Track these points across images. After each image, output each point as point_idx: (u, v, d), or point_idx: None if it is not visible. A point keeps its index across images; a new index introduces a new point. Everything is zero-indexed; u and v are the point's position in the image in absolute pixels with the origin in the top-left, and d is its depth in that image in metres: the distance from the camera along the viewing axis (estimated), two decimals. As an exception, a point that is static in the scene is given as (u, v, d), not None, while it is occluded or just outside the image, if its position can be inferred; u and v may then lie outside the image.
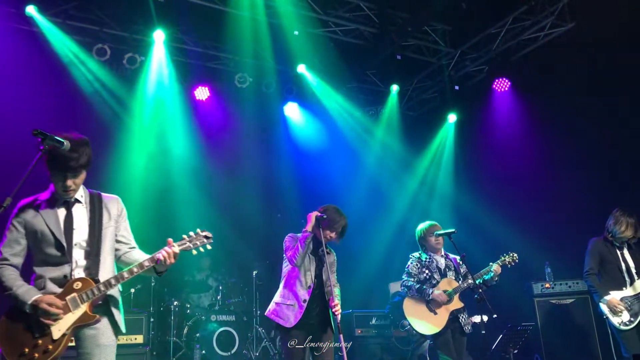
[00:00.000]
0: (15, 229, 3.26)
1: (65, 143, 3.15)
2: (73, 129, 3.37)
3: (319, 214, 4.73)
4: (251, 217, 8.78)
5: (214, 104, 8.90)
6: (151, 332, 7.04)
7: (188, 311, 7.59)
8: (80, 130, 3.35)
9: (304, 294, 4.64)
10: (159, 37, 7.87)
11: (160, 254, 3.30)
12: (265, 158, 9.35)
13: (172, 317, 7.30)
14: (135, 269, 3.27)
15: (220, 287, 7.88)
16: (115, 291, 3.33)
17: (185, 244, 3.42)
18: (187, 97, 8.72)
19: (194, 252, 3.46)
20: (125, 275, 3.25)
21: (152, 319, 7.10)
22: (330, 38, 8.25)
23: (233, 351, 7.15)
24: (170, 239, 3.39)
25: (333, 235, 4.79)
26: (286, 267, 4.81)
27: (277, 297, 4.77)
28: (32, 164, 3.13)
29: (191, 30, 8.27)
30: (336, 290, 4.77)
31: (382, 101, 9.84)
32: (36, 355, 3.03)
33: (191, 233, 3.47)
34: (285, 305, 4.65)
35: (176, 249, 3.36)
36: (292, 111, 9.62)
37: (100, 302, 3.25)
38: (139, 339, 6.22)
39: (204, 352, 6.96)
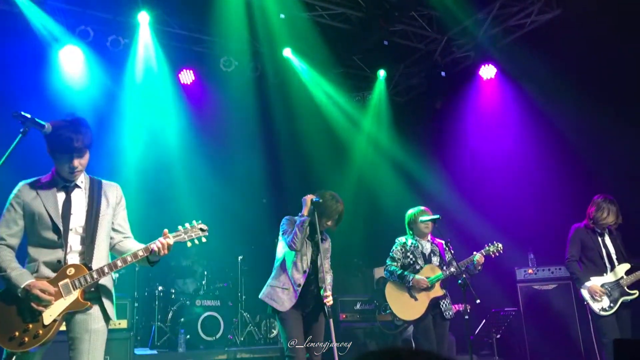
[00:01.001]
0: (13, 209, 3.24)
1: (46, 126, 3.13)
2: (54, 112, 3.35)
3: (315, 197, 4.71)
4: (237, 202, 8.75)
5: (199, 88, 8.80)
6: (135, 317, 7.02)
7: (173, 296, 7.57)
8: (63, 113, 3.32)
9: (299, 279, 4.65)
10: (143, 19, 7.76)
11: (155, 245, 3.31)
12: (251, 142, 9.30)
13: (157, 302, 7.29)
14: (129, 258, 3.27)
15: (206, 272, 7.87)
16: (107, 279, 3.33)
17: (180, 235, 3.43)
18: (172, 81, 8.62)
19: (189, 244, 3.47)
20: (119, 263, 3.26)
21: (136, 304, 7.09)
22: (316, 22, 8.18)
23: (218, 336, 7.15)
24: (165, 230, 3.40)
25: (329, 223, 4.78)
26: (282, 250, 4.80)
27: (271, 280, 4.77)
28: (12, 146, 3.10)
29: (176, 13, 8.16)
30: (328, 278, 4.78)
31: (368, 87, 9.82)
32: (26, 339, 3.03)
33: (187, 225, 3.48)
34: (280, 288, 4.66)
35: (170, 240, 3.37)
36: (279, 95, 9.54)
37: (92, 289, 3.25)
38: (123, 324, 6.19)
39: (188, 337, 6.95)
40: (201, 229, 3.48)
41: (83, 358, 3.15)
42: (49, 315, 3.08)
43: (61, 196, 3.30)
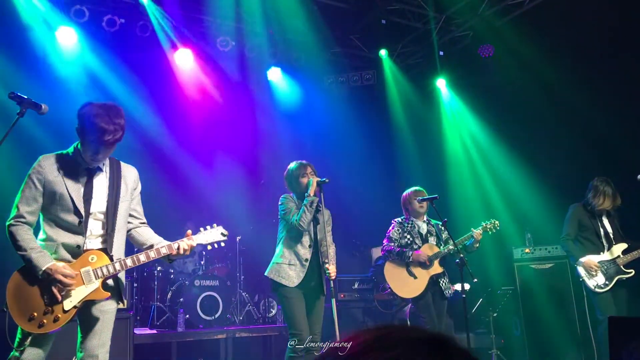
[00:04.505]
0: (34, 185, 3.14)
1: (43, 107, 3.11)
2: (52, 94, 3.33)
3: (319, 179, 4.77)
4: (234, 184, 8.76)
5: (195, 68, 8.74)
6: (135, 297, 7.06)
7: (171, 276, 7.62)
8: (53, 93, 3.29)
9: (305, 253, 4.73)
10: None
11: (181, 247, 3.33)
12: (248, 123, 9.27)
13: (156, 282, 7.33)
14: (152, 255, 3.30)
15: (204, 253, 7.90)
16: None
17: (202, 237, 3.49)
18: (169, 61, 8.55)
19: (209, 247, 3.54)
20: (142, 258, 3.28)
21: (135, 284, 7.12)
22: (313, 1, 8.10)
23: (217, 315, 7.21)
24: (189, 231, 3.44)
25: (314, 177, 4.83)
26: (284, 227, 4.86)
27: (277, 258, 4.82)
28: (11, 127, 3.09)
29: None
30: (331, 251, 4.85)
31: (366, 67, 9.76)
32: (45, 321, 3.02)
33: (208, 227, 3.53)
34: (286, 265, 4.71)
35: (194, 242, 3.41)
36: (276, 76, 9.50)
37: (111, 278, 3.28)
38: (123, 304, 6.22)
39: (187, 316, 7.01)
40: (222, 234, 3.54)
41: (95, 338, 3.18)
42: (70, 301, 3.08)
43: (84, 179, 3.24)
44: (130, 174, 3.46)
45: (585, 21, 6.87)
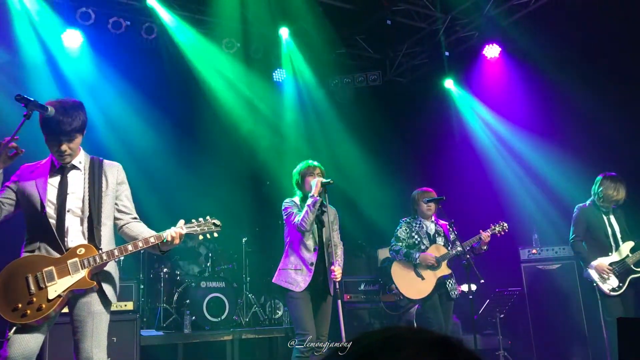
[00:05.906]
0: (9, 187, 3.29)
1: (49, 109, 3.12)
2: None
3: (323, 179, 4.76)
4: (240, 185, 8.75)
5: (200, 70, 8.75)
6: (141, 299, 7.06)
7: (178, 278, 7.62)
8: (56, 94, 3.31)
9: (310, 257, 4.71)
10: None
11: (169, 235, 3.31)
12: (254, 125, 9.27)
13: (162, 284, 7.33)
14: (140, 244, 3.27)
15: (210, 254, 7.91)
16: (111, 264, 3.33)
17: (194, 227, 3.46)
18: (174, 62, 8.56)
19: (201, 237, 3.52)
20: (130, 248, 3.26)
21: (141, 286, 7.12)
22: (319, 2, 8.09)
23: (223, 317, 7.21)
24: (182, 220, 3.42)
25: (318, 178, 4.82)
26: (289, 232, 4.85)
27: (282, 264, 4.82)
28: (17, 129, 3.10)
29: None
30: (338, 252, 4.83)
31: (371, 67, 9.74)
32: (28, 312, 3.04)
33: (200, 219, 3.51)
34: (292, 270, 4.71)
35: (183, 230, 3.38)
36: (282, 77, 9.50)
37: (97, 271, 3.26)
38: (129, 305, 6.23)
39: (194, 318, 7.01)
40: (214, 224, 3.52)
41: (87, 340, 3.17)
42: (54, 290, 3.09)
43: (56, 178, 3.28)
44: (111, 169, 3.46)
45: (592, 20, 6.85)
